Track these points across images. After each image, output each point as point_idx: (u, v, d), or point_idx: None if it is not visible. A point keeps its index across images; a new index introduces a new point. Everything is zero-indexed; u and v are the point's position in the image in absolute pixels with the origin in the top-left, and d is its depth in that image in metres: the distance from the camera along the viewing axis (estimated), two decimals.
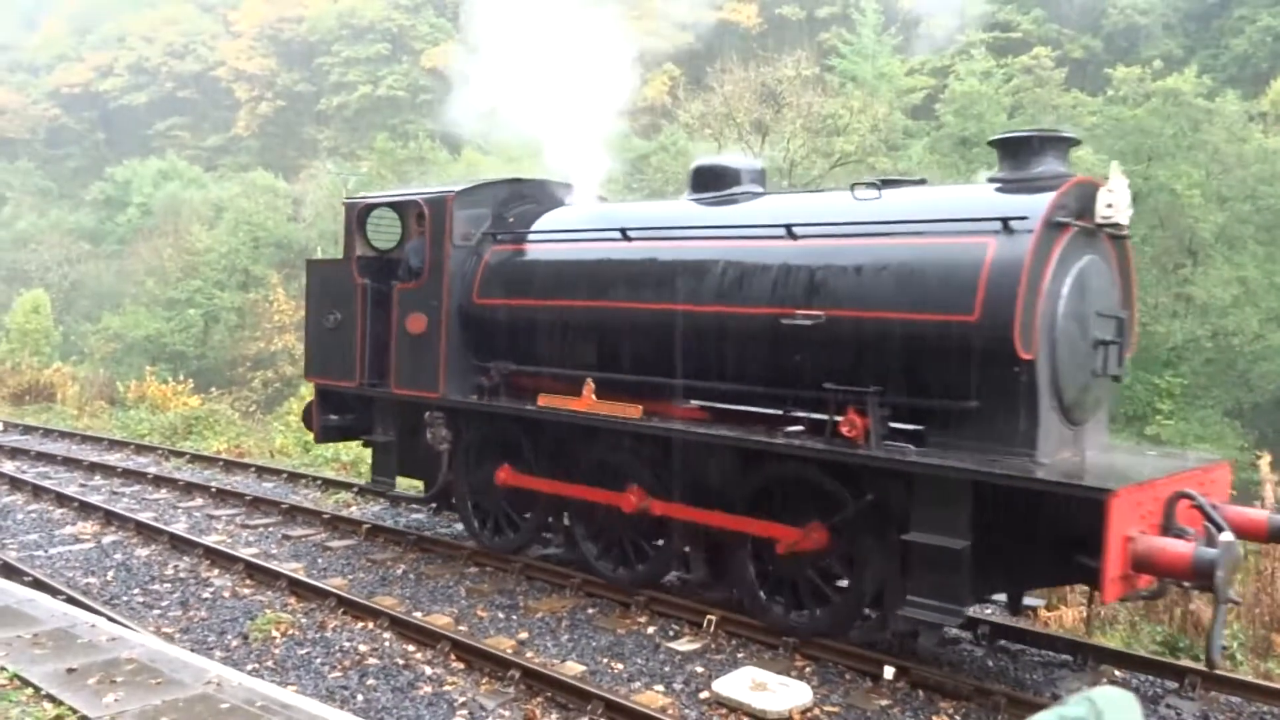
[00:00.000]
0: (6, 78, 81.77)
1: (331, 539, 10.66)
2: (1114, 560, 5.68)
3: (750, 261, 7.71)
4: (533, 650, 7.44)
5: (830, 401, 7.01)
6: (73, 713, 5.01)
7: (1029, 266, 6.35)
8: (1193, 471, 6.76)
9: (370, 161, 43.81)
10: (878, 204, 7.36)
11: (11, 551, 10.02)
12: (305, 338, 11.58)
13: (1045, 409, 6.58)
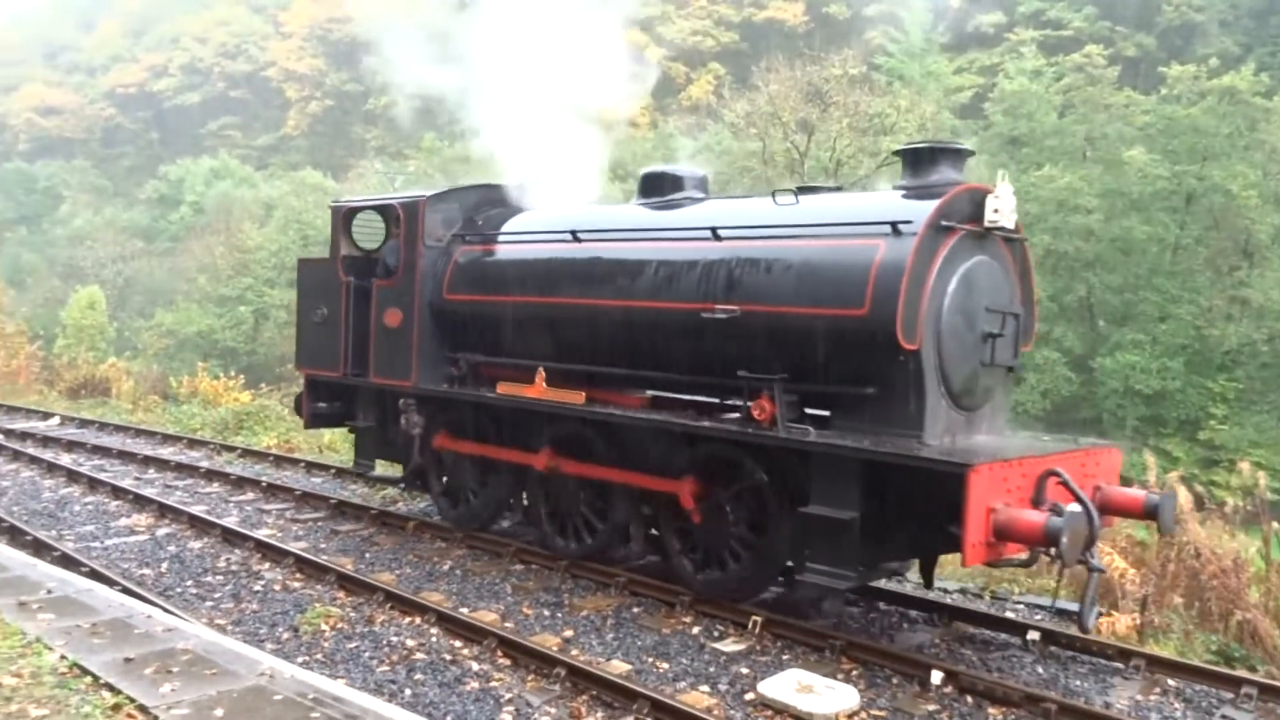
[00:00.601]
0: (64, 79, 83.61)
1: (379, 534, 10.78)
2: (974, 527, 6.35)
3: (680, 260, 8.47)
4: (578, 648, 7.46)
5: (744, 388, 7.79)
6: (130, 701, 5.10)
7: (911, 265, 7.06)
8: (1072, 453, 7.43)
9: (418, 160, 44.21)
10: (794, 209, 8.13)
11: (69, 542, 10.24)
12: (296, 331, 12.29)
13: (932, 395, 7.32)
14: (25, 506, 11.95)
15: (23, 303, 46.49)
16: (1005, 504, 6.52)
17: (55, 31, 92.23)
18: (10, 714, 4.95)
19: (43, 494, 12.68)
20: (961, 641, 7.85)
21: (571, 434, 9.30)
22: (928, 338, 7.23)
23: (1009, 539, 6.51)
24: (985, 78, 47.47)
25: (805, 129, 36.35)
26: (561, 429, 9.38)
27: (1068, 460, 7.20)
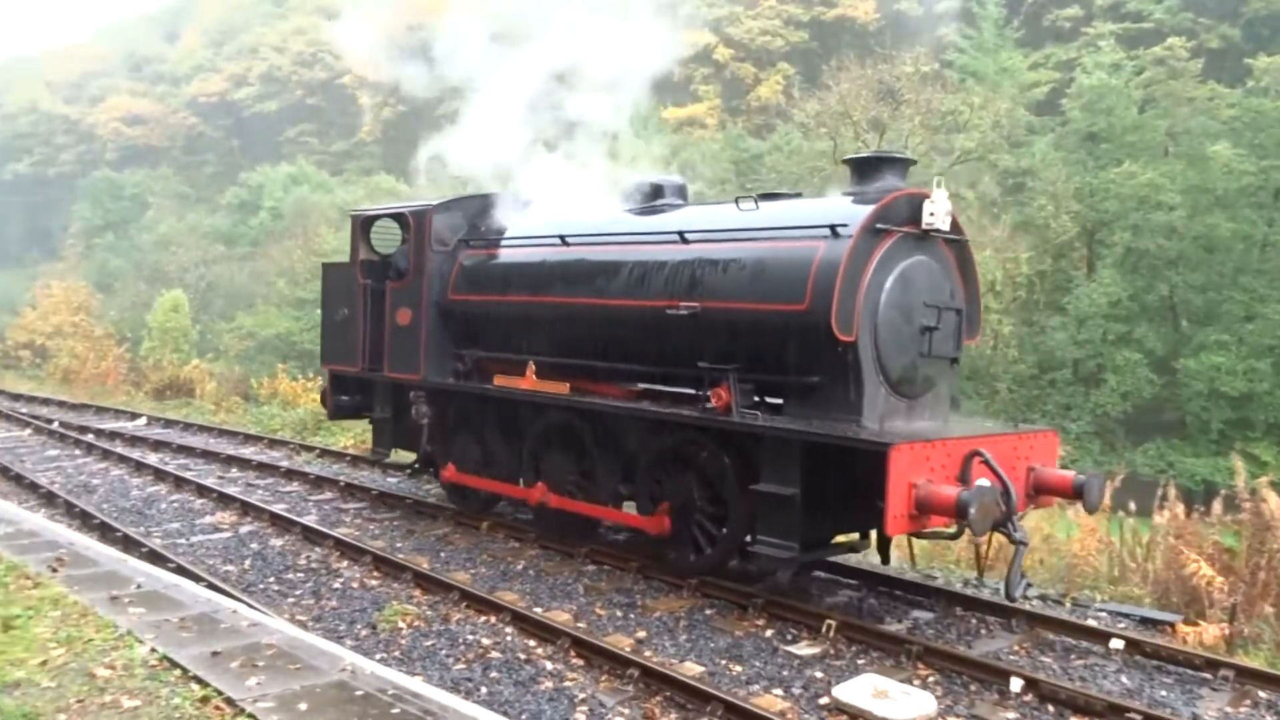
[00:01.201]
0: (149, 89, 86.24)
1: (454, 534, 10.93)
2: (895, 500, 7.02)
3: (651, 262, 9.27)
4: (651, 649, 7.48)
5: (705, 378, 8.53)
6: (218, 694, 5.25)
7: (845, 265, 7.74)
8: (1002, 436, 8.12)
9: None
10: (753, 214, 8.91)
11: (156, 539, 10.56)
12: (320, 329, 13.42)
13: (870, 383, 8.02)
14: (115, 504, 12.35)
15: (111, 306, 48.05)
16: (928, 480, 7.19)
17: (141, 44, 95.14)
18: (104, 704, 5.13)
19: (131, 492, 13.10)
20: (1041, 648, 7.70)
21: (558, 422, 10.16)
22: (864, 330, 7.94)
23: (929, 512, 7.18)
24: (1062, 73, 46.34)
25: (876, 128, 35.97)
26: (551, 418, 10.24)
27: (996, 443, 7.84)
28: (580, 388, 9.88)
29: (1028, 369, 34.73)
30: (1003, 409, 34.05)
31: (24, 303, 48.69)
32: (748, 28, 63.95)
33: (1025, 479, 8.08)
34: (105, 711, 5.03)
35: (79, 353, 33.03)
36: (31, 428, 18.62)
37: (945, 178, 33.80)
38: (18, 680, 5.41)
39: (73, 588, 7.28)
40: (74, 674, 5.53)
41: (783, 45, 63.91)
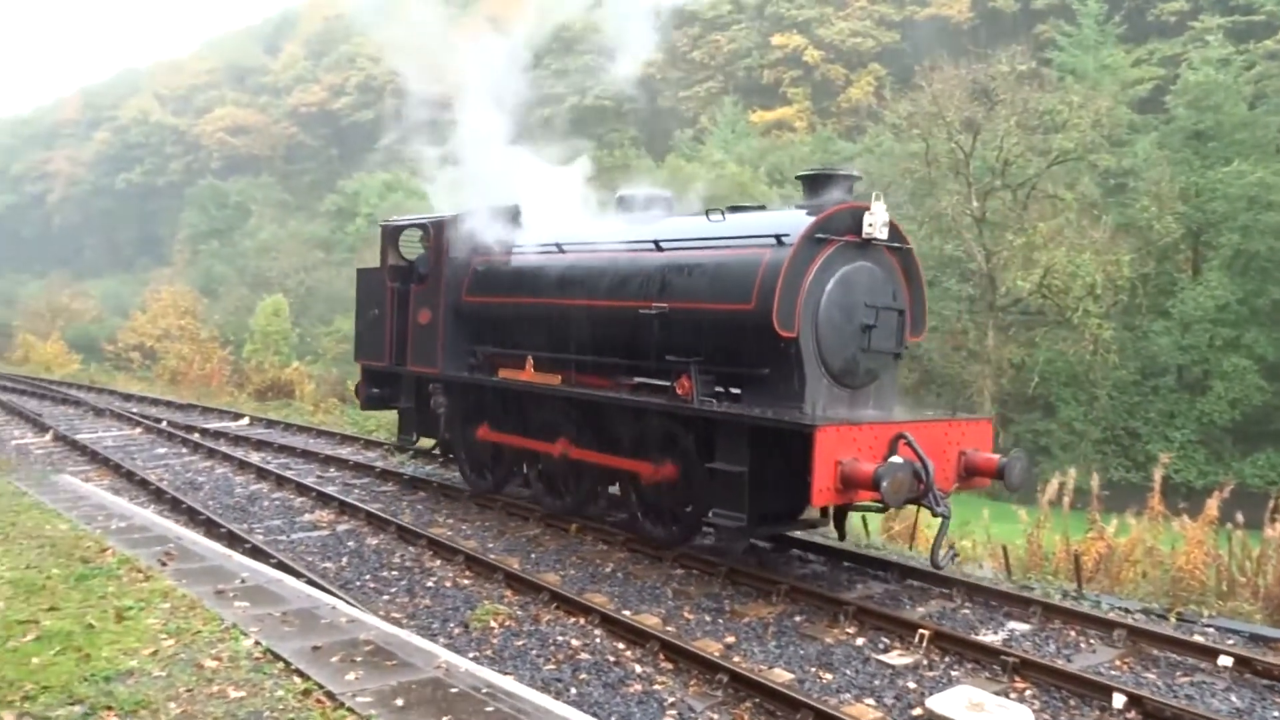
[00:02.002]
0: (252, 100, 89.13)
1: (544, 536, 11.04)
2: (820, 474, 7.92)
3: (630, 267, 10.34)
4: (740, 654, 7.46)
5: (672, 370, 9.55)
6: (319, 687, 5.40)
7: (786, 269, 8.67)
8: (934, 423, 9.03)
9: None
10: (720, 224, 9.85)
11: (259, 535, 10.91)
12: (355, 328, 14.77)
13: (812, 374, 8.97)
14: (220, 501, 12.79)
15: (215, 311, 49.77)
16: (854, 458, 8.06)
17: (244, 56, 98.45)
18: (212, 694, 5.32)
19: (235, 489, 13.55)
20: (1145, 664, 7.46)
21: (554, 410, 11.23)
22: (806, 327, 8.88)
23: (853, 485, 8.04)
24: (1167, 69, 44.87)
25: (970, 128, 35.27)
26: (547, 407, 11.28)
27: (925, 428, 8.75)
28: (571, 379, 11.00)
29: (1129, 375, 33.68)
30: (1102, 416, 33.12)
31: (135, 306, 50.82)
32: (838, 29, 63.34)
33: (957, 461, 8.97)
34: (213, 701, 5.22)
35: (185, 355, 34.32)
36: (141, 427, 19.38)
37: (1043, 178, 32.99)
38: (130, 669, 5.65)
39: (181, 581, 7.57)
40: (183, 664, 5.75)
41: (874, 46, 63.13)
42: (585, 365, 10.93)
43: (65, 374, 34.71)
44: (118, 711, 5.06)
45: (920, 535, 12.25)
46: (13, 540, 8.98)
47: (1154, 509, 11.47)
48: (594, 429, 10.72)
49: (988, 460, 8.97)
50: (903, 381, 37.77)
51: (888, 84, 54.59)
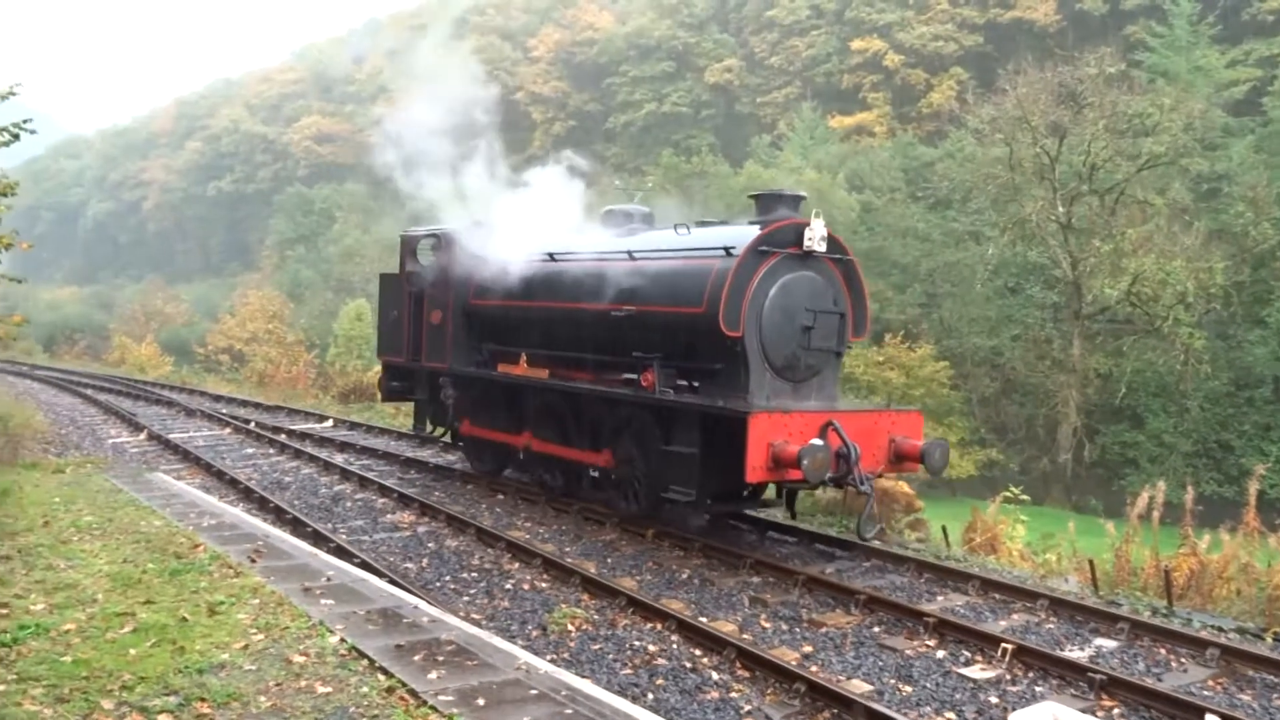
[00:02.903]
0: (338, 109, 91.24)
1: (620, 540, 11.10)
2: (753, 454, 9.08)
3: (607, 274, 11.52)
4: (817, 664, 7.41)
5: (637, 365, 10.85)
6: (402, 685, 5.51)
7: (731, 277, 9.89)
8: (864, 413, 10.30)
9: (655, 176, 45.19)
10: (685, 237, 11.05)
11: (343, 535, 11.15)
12: (377, 327, 16.48)
13: (757, 369, 10.19)
14: (305, 501, 13.10)
15: (301, 315, 50.98)
16: (785, 441, 9.16)
17: (331, 66, 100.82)
18: (300, 689, 5.46)
19: (320, 490, 13.87)
20: (1239, 684, 7.22)
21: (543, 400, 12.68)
22: (750, 328, 10.06)
23: (781, 465, 9.12)
24: (1264, 70, 43.36)
25: (1056, 132, 34.55)
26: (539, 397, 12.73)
27: (856, 417, 9.94)
28: (557, 373, 12.43)
29: (1222, 386, 32.58)
30: (1193, 428, 32.07)
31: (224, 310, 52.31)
32: (919, 33, 62.50)
33: (887, 447, 10.10)
34: (300, 696, 5.35)
35: (272, 357, 35.21)
36: (230, 427, 19.95)
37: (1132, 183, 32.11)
38: (222, 662, 5.83)
39: (269, 578, 7.78)
40: (272, 659, 5.91)
41: (956, 49, 62.15)
42: (569, 361, 12.40)
43: (158, 375, 35.90)
44: (211, 703, 5.22)
45: (1002, 548, 12.04)
46: (110, 535, 9.32)
47: (1249, 524, 11.10)
48: (574, 416, 12.14)
49: (913, 446, 10.08)
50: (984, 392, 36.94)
51: (970, 88, 53.72)
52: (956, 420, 35.20)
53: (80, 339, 55.38)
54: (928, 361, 34.87)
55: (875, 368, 34.94)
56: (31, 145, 12.14)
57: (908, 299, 39.45)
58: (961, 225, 40.65)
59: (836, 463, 9.36)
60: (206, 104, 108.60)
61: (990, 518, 12.96)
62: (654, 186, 43.07)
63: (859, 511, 10.32)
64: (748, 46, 73.07)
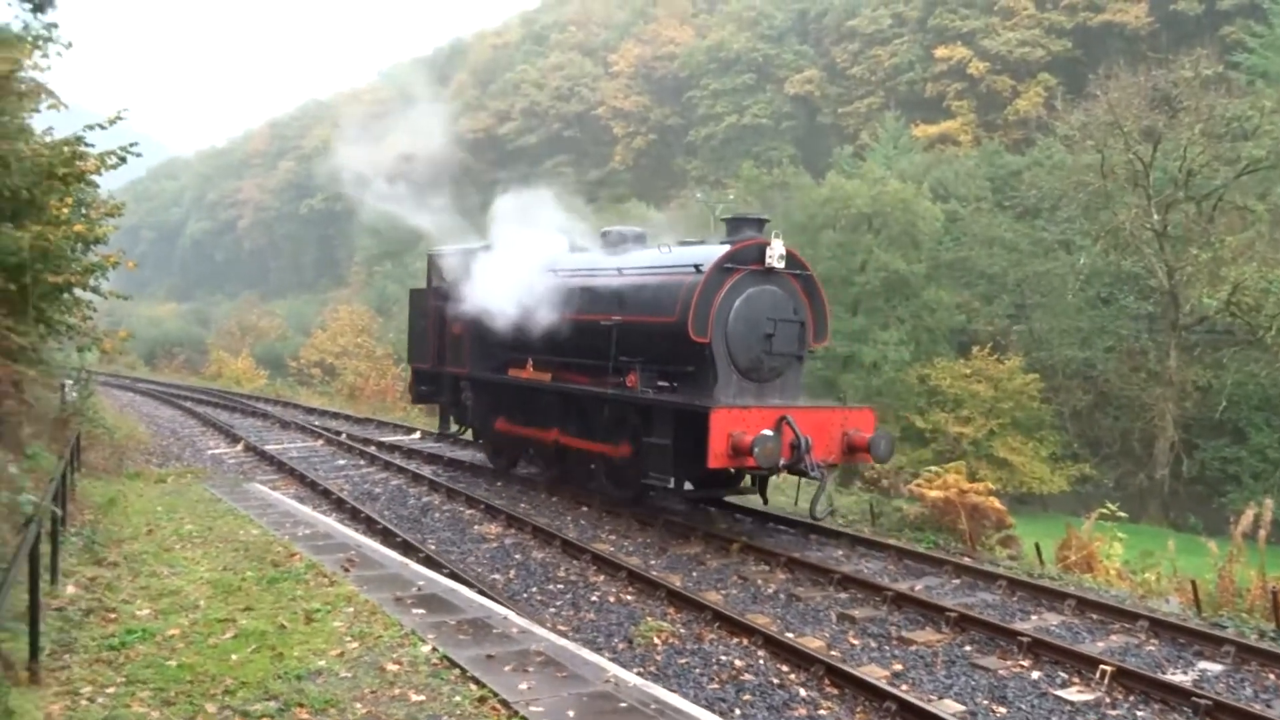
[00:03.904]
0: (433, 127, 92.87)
1: (706, 554, 11.07)
2: (715, 443, 10.52)
3: (599, 288, 13.27)
4: (907, 683, 7.29)
5: (624, 368, 12.36)
6: (494, 695, 5.58)
7: (699, 290, 11.41)
8: (820, 410, 11.81)
9: (736, 188, 45.11)
10: (667, 255, 12.71)
11: (431, 545, 11.34)
12: (408, 337, 18.56)
13: (724, 371, 11.66)
14: (395, 511, 13.36)
15: (389, 329, 51.96)
16: (742, 432, 10.58)
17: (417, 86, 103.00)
18: (394, 696, 5.57)
19: (408, 500, 14.13)
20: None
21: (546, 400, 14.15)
22: (717, 335, 11.55)
23: (739, 453, 10.56)
24: None
25: (1150, 138, 33.53)
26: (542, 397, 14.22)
27: (810, 413, 11.44)
28: (558, 376, 13.96)
29: None
30: None
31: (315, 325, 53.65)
32: (1005, 39, 61.33)
33: (841, 439, 11.50)
34: (395, 704, 5.46)
35: (362, 371, 35.98)
36: (323, 439, 20.45)
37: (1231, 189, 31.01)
38: (319, 669, 5.98)
39: (362, 587, 7.96)
40: (366, 666, 6.04)
41: (1043, 55, 60.82)
42: (569, 365, 13.85)
43: (253, 388, 36.98)
44: (309, 709, 5.35)
45: (1098, 566, 11.71)
46: (211, 543, 9.63)
47: None
48: (578, 412, 13.55)
49: (862, 438, 11.46)
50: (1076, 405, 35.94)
51: (1059, 94, 52.48)
52: (1048, 434, 34.32)
53: (179, 353, 57.38)
54: (1017, 374, 34.10)
55: (962, 380, 34.30)
56: (134, 167, 12.69)
57: (995, 310, 38.65)
58: (1051, 234, 39.69)
59: (790, 451, 10.84)
60: (298, 125, 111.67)
61: (1085, 535, 12.62)
62: (735, 199, 42.97)
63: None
64: (828, 57, 72.51)
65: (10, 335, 9.50)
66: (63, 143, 11.50)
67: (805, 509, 11.55)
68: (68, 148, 11.33)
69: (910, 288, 37.69)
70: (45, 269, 10.73)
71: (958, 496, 12.63)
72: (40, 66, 12.42)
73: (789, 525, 12.59)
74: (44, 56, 12.42)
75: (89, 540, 9.38)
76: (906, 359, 35.67)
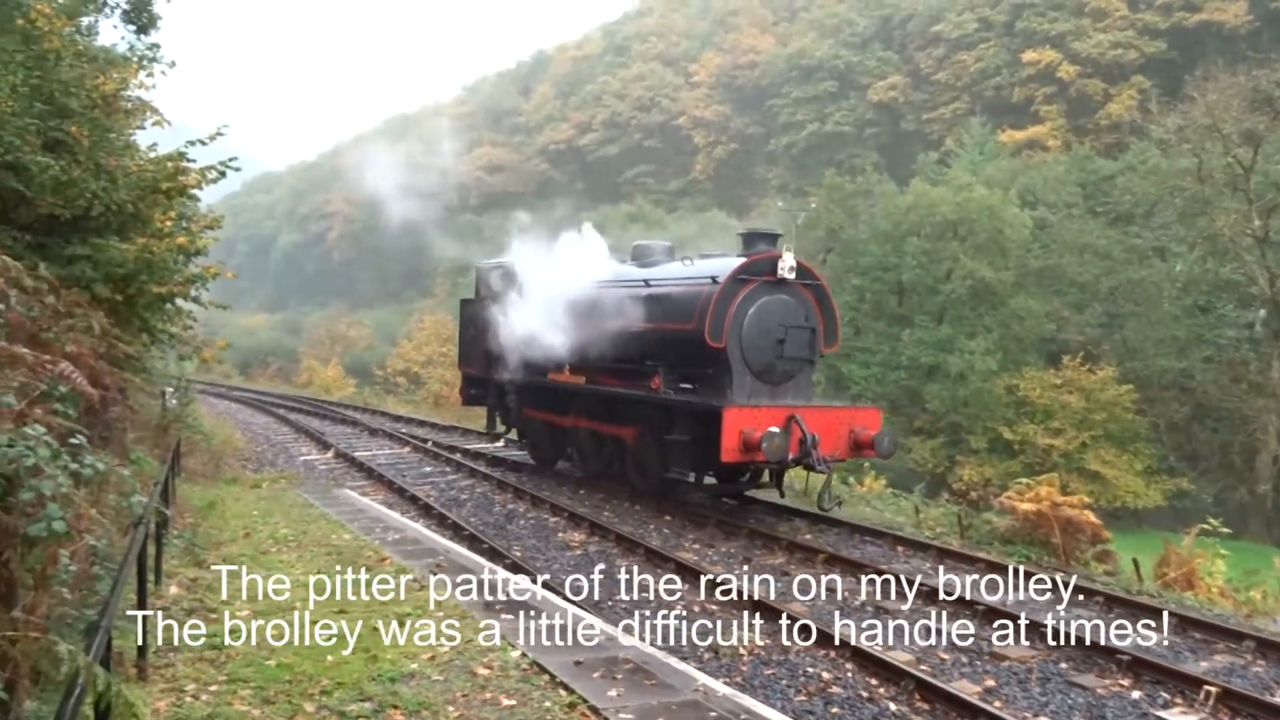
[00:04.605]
0: (507, 140, 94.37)
1: (789, 564, 10.99)
2: (727, 439, 11.55)
3: (629, 298, 14.24)
4: (1000, 699, 7.14)
5: (649, 371, 13.57)
6: (583, 701, 5.61)
7: (715, 300, 12.50)
8: (829, 409, 13.03)
9: (818, 197, 44.76)
10: (689, 267, 13.93)
11: (517, 552, 11.45)
12: (458, 344, 19.88)
13: (739, 374, 12.72)
14: (480, 518, 13.52)
15: None
16: (753, 429, 11.62)
17: (500, 99, 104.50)
18: (485, 700, 5.64)
19: (493, 507, 14.29)
20: None
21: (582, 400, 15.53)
22: (733, 340, 12.63)
23: (749, 448, 11.62)
24: None
25: (1250, 141, 32.42)
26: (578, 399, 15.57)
27: (818, 412, 12.53)
28: (592, 380, 15.14)
29: None
30: None
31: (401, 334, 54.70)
32: (1096, 41, 59.92)
33: (847, 436, 12.54)
34: (486, 708, 5.52)
35: (447, 380, 36.51)
36: (410, 446, 20.81)
37: None
38: (412, 671, 6.08)
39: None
40: (458, 670, 6.12)
41: (1137, 57, 59.25)
42: (602, 369, 15.00)
43: (342, 396, 37.84)
44: (403, 711, 5.45)
45: (1200, 584, 11.31)
46: (305, 547, 9.87)
47: None
48: (610, 411, 14.76)
49: (867, 435, 12.50)
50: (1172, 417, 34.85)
51: (1153, 97, 51.05)
52: (1142, 447, 33.29)
53: (272, 362, 59.02)
54: (1110, 385, 33.17)
55: (1052, 391, 33.49)
56: (229, 182, 13.13)
57: (1086, 319, 37.67)
58: (1145, 241, 38.57)
59: (798, 447, 11.87)
60: (385, 138, 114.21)
61: (1185, 551, 12.20)
62: (817, 208, 42.62)
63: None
64: (913, 63, 71.65)
65: (117, 344, 9.85)
66: (166, 158, 11.92)
67: (890, 520, 11.54)
68: (171, 163, 11.74)
69: (997, 296, 36.95)
70: (150, 280, 11.10)
71: (1051, 509, 12.31)
72: (145, 85, 12.95)
73: (875, 537, 12.42)
74: (149, 75, 12.96)
75: (189, 543, 9.70)
76: (994, 369, 34.94)
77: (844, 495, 14.86)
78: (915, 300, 38.91)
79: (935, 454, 35.09)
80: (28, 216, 9.78)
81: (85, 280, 9.97)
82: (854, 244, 41.22)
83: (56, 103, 10.24)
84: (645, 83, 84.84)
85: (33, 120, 9.40)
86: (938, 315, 37.94)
